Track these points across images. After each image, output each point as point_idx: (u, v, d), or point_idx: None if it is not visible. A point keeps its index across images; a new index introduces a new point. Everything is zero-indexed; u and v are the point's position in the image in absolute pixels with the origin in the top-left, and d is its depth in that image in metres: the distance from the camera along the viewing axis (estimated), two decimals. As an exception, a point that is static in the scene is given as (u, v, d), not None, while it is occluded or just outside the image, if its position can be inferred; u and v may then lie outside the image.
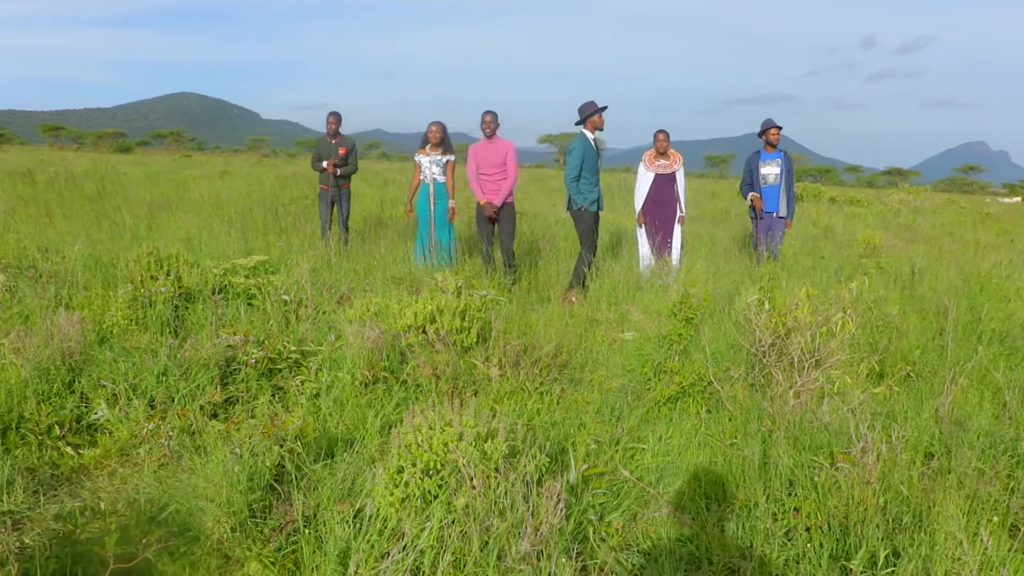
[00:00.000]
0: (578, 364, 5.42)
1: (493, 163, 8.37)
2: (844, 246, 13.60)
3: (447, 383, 4.72)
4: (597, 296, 7.50)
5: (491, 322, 5.14)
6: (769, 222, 9.09)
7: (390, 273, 7.37)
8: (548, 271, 9.06)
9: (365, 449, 3.74)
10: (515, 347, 4.95)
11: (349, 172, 10.14)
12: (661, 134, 8.97)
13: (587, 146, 8.14)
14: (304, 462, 3.43)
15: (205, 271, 6.49)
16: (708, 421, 4.27)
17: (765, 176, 9.04)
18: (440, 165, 8.88)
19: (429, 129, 8.92)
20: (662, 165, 8.94)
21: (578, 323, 6.66)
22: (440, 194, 8.94)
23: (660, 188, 8.93)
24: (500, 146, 8.44)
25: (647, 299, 6.90)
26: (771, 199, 9.03)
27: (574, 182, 8.09)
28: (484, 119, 8.43)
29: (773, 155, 9.05)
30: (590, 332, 6.44)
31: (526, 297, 7.95)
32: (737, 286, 7.35)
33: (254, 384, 4.89)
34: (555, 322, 6.75)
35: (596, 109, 8.17)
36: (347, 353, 4.97)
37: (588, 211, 8.14)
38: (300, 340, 5.53)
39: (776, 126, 9.00)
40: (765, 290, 4.78)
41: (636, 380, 4.71)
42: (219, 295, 6.30)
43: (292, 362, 5.06)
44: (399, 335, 5.12)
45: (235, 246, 8.53)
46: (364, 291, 7.01)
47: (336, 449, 3.76)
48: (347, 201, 10.22)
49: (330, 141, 10.06)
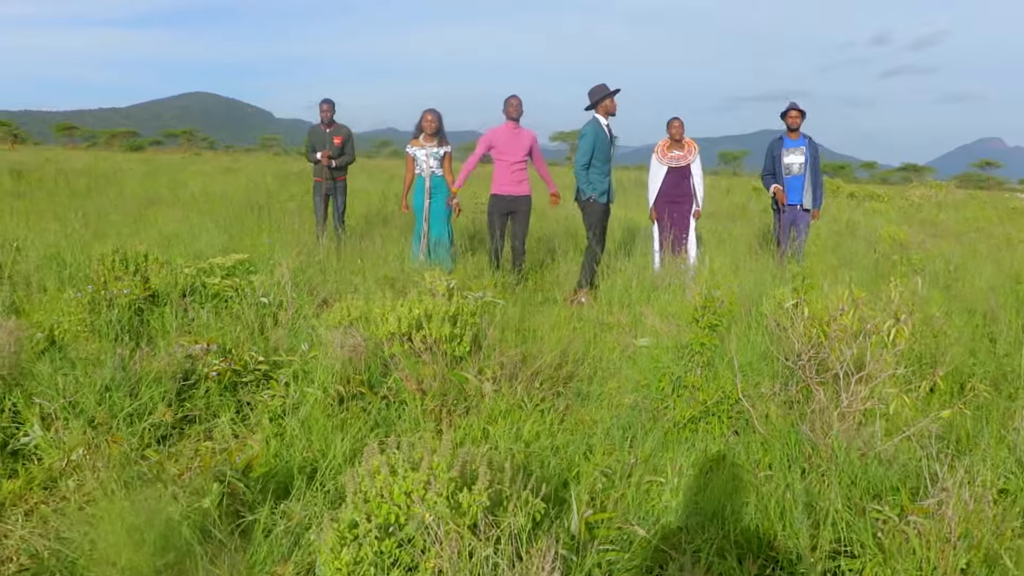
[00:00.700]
0: (586, 375, 4.80)
1: (516, 151, 7.74)
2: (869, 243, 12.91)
3: (434, 399, 4.11)
4: (608, 297, 6.86)
5: (485, 329, 4.52)
6: (792, 215, 8.40)
7: (382, 273, 6.76)
8: (556, 270, 8.43)
9: (326, 485, 3.13)
10: (513, 357, 4.33)
11: (345, 163, 9.54)
12: (676, 121, 8.32)
13: (599, 132, 7.51)
14: (249, 501, 2.83)
15: (176, 271, 5.90)
16: (736, 446, 3.64)
17: (788, 166, 8.34)
18: (438, 158, 8.26)
19: (423, 118, 8.29)
20: (676, 157, 8.28)
21: (587, 327, 6.03)
22: (438, 188, 8.32)
23: (674, 182, 8.28)
24: (525, 135, 7.83)
25: (663, 301, 6.27)
26: (795, 190, 8.34)
27: (584, 170, 7.45)
28: (510, 102, 7.79)
29: (797, 142, 8.35)
30: (600, 338, 5.82)
31: (531, 298, 7.33)
32: (761, 286, 6.70)
33: (216, 400, 4.30)
34: (561, 327, 6.12)
35: (608, 92, 7.53)
36: (323, 363, 4.37)
37: (597, 203, 7.50)
38: (273, 348, 4.94)
39: (796, 108, 8.32)
40: (799, 291, 4.14)
41: (652, 396, 4.09)
42: (190, 298, 5.71)
43: (260, 374, 4.46)
44: (382, 343, 4.51)
45: (219, 244, 7.94)
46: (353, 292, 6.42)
47: (293, 484, 3.16)
48: (343, 195, 9.61)
49: (324, 130, 9.46)
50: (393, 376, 4.32)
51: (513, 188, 7.77)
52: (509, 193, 7.77)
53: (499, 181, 7.81)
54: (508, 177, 7.74)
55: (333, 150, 9.36)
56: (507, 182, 7.76)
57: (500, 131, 7.81)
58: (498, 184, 7.83)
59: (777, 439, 3.64)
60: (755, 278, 7.35)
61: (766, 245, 10.30)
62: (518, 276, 7.64)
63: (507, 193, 7.78)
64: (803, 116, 8.32)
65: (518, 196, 7.80)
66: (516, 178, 7.75)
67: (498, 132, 7.82)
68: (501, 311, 4.87)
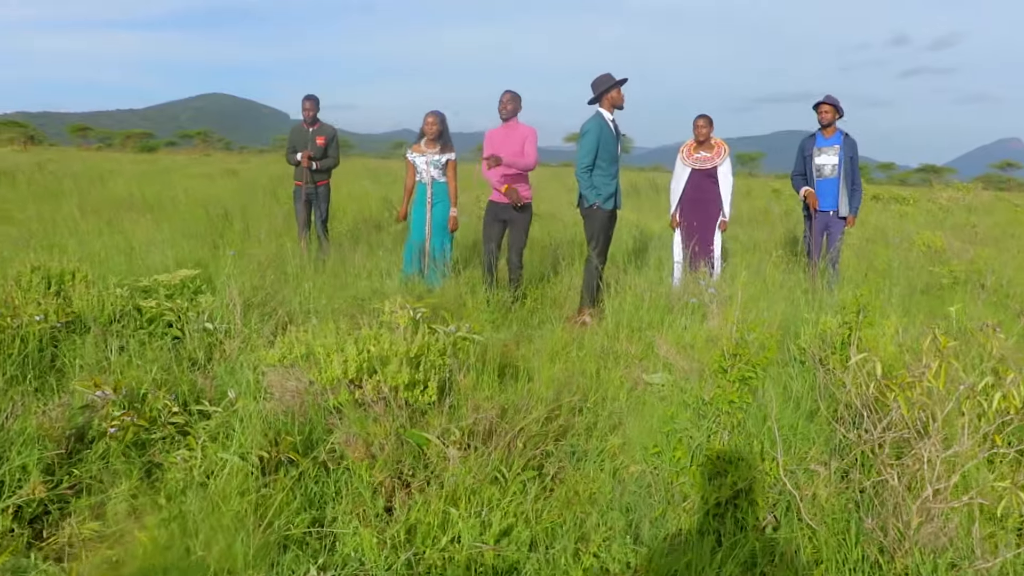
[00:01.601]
0: (583, 427, 3.89)
1: (508, 153, 6.75)
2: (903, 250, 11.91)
3: (384, 469, 3.21)
4: (615, 319, 5.93)
5: (457, 373, 3.61)
6: (825, 221, 7.40)
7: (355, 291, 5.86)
8: (559, 285, 7.52)
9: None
10: (490, 410, 3.42)
11: (328, 166, 8.64)
12: (701, 120, 7.35)
13: (604, 128, 6.55)
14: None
15: (107, 292, 5.03)
16: (778, 544, 2.72)
17: (820, 167, 7.35)
18: (439, 166, 7.34)
19: (424, 120, 7.37)
20: (701, 158, 7.33)
21: (588, 358, 5.10)
22: (440, 197, 7.42)
23: (698, 186, 7.32)
24: (519, 132, 6.86)
25: (680, 325, 5.34)
26: (828, 195, 7.34)
27: (586, 172, 6.50)
28: (501, 99, 6.86)
29: (830, 140, 7.36)
30: (604, 372, 4.90)
31: (528, 319, 6.42)
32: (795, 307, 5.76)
33: (119, 462, 3.42)
34: (558, 357, 5.21)
35: (614, 82, 6.57)
36: (252, 417, 3.48)
37: (602, 210, 6.56)
38: (200, 392, 4.05)
39: (828, 102, 7.33)
40: (853, 327, 3.22)
41: (664, 467, 3.16)
42: (119, 324, 4.84)
43: (175, 429, 3.58)
44: (326, 391, 3.61)
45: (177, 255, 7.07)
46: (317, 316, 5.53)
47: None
48: (325, 201, 8.71)
49: (307, 129, 8.58)
50: (339, 433, 3.42)
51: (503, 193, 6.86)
52: (502, 200, 6.87)
53: (495, 187, 6.91)
54: (501, 180, 6.84)
55: (315, 151, 8.48)
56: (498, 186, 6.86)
57: (494, 133, 6.94)
58: (494, 191, 6.93)
59: (831, 533, 2.71)
60: (786, 296, 6.42)
61: (794, 254, 9.35)
62: (515, 293, 6.73)
63: (500, 200, 6.89)
64: (837, 112, 7.33)
65: (511, 205, 6.88)
66: (510, 182, 6.83)
67: (492, 134, 6.95)
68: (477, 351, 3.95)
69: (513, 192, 6.65)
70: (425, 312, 3.92)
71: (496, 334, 5.99)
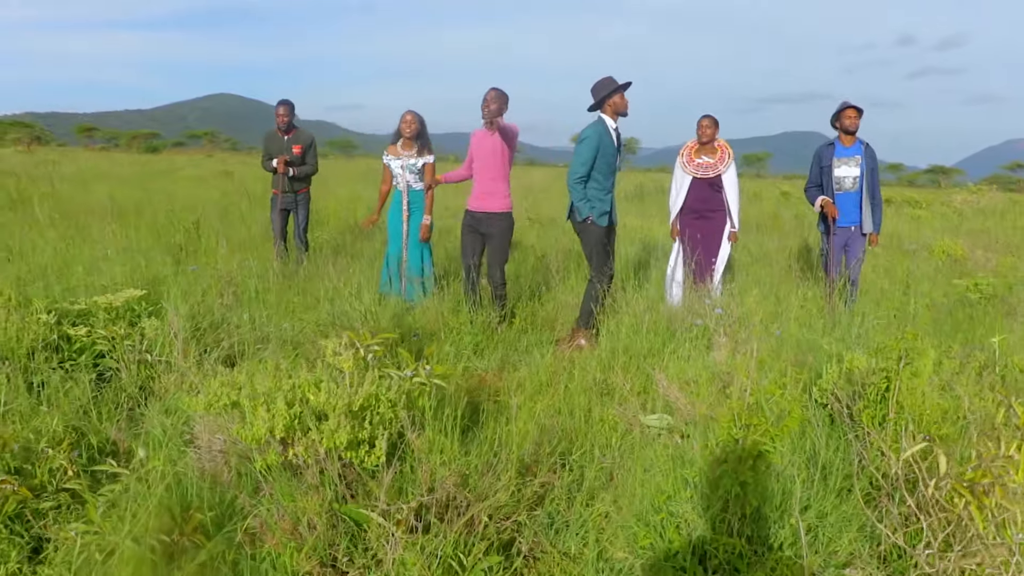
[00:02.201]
0: (565, 487, 3.27)
1: (488, 157, 6.19)
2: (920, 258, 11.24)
3: (314, 555, 2.60)
4: (612, 345, 5.30)
5: (410, 431, 2.99)
6: (846, 237, 6.75)
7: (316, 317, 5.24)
8: (553, 301, 6.90)
9: None
10: (448, 478, 2.81)
11: (306, 173, 8.03)
12: (706, 120, 6.67)
13: (604, 137, 5.92)
14: None
15: (30, 318, 4.42)
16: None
17: (840, 180, 6.67)
18: (416, 171, 6.73)
19: (402, 119, 6.75)
20: (704, 165, 6.66)
21: (578, 393, 4.48)
22: (417, 205, 6.82)
23: (701, 194, 6.65)
24: (502, 131, 6.14)
25: (682, 355, 4.71)
26: (849, 209, 6.68)
27: (579, 183, 5.87)
28: (485, 98, 5.94)
29: (851, 150, 6.68)
30: (598, 409, 4.29)
31: (515, 342, 5.80)
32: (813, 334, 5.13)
33: (1, 537, 2.82)
34: (545, 391, 4.60)
35: (617, 87, 5.94)
36: (156, 486, 2.87)
37: (596, 225, 5.93)
38: (109, 447, 3.44)
39: (853, 107, 6.68)
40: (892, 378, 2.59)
41: (657, 560, 2.54)
42: (40, 355, 4.23)
43: (69, 497, 2.97)
44: (252, 451, 3.00)
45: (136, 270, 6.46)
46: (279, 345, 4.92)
47: None
48: (305, 209, 8.11)
49: (281, 137, 7.97)
50: (264, 507, 2.81)
51: (483, 202, 6.22)
52: (479, 209, 6.23)
53: (472, 193, 6.30)
54: (479, 188, 6.22)
55: (291, 158, 7.87)
56: (478, 193, 6.24)
57: (476, 135, 6.31)
58: (471, 197, 6.31)
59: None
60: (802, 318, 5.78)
61: (808, 266, 8.70)
62: (501, 313, 6.10)
63: (476, 209, 6.25)
64: (861, 116, 6.69)
65: (490, 213, 6.20)
66: (487, 189, 6.20)
67: (474, 136, 6.33)
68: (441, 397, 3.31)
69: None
70: (377, 352, 3.30)
71: (478, 361, 5.40)
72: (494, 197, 6.21)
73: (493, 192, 6.22)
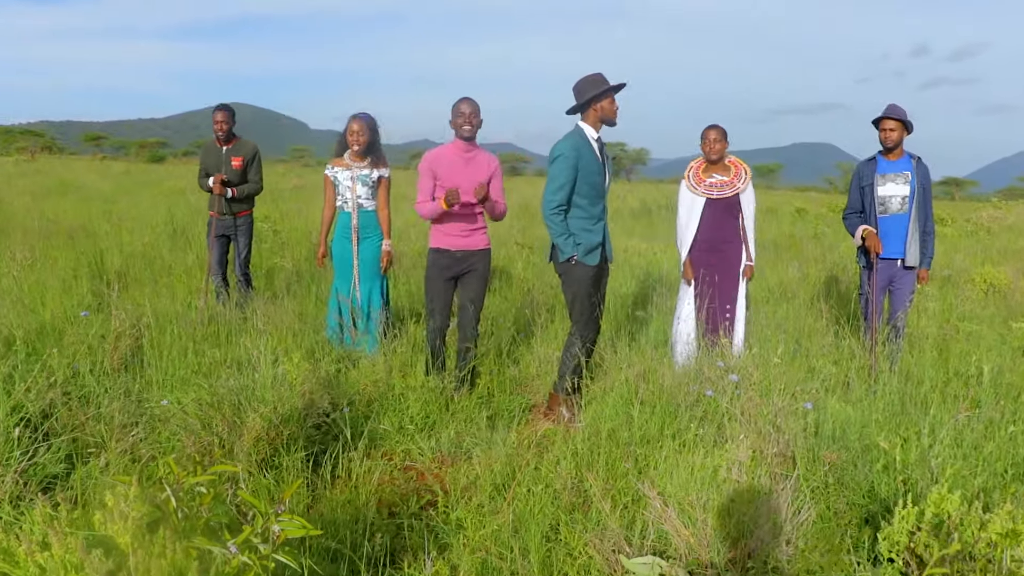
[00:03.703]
0: None
1: (468, 187, 4.87)
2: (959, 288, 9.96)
3: None
4: (593, 427, 4.05)
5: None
6: (890, 274, 5.48)
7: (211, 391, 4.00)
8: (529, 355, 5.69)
9: None
10: None
11: (248, 193, 6.82)
12: (713, 132, 5.38)
13: (583, 151, 4.68)
14: None
15: None
16: None
17: (885, 200, 5.41)
18: (369, 183, 5.55)
19: (348, 128, 5.56)
20: (718, 184, 5.40)
21: (541, 507, 3.25)
22: (369, 230, 5.63)
23: (716, 222, 5.38)
24: (481, 161, 5.01)
25: (685, 458, 3.46)
26: (894, 237, 5.40)
27: (557, 214, 4.63)
28: (459, 109, 4.88)
29: (897, 164, 5.43)
30: (565, 532, 3.08)
31: (475, 413, 4.57)
32: (864, 424, 3.89)
33: None
34: (499, 497, 3.38)
35: (607, 88, 4.69)
36: None
37: (583, 265, 4.71)
38: None
39: (892, 117, 5.43)
40: None
41: None
42: None
43: None
44: None
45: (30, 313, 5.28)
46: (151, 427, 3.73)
47: None
48: (246, 235, 6.88)
49: (219, 148, 6.79)
50: None
51: (462, 240, 4.96)
52: (457, 248, 4.98)
53: (441, 229, 5.00)
54: (454, 223, 4.95)
55: (231, 175, 6.69)
56: (453, 231, 4.97)
57: (445, 153, 5.00)
58: (440, 234, 5.02)
59: None
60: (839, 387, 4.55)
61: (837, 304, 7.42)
62: (461, 374, 4.88)
63: (454, 248, 4.98)
64: (906, 130, 5.44)
65: (471, 251, 5.00)
66: (467, 225, 4.96)
67: (443, 154, 5.00)
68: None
69: (453, 194, 4.73)
70: (204, 498, 2.09)
71: (425, 442, 4.19)
72: (474, 235, 5.04)
73: (473, 229, 5.04)
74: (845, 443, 3.69)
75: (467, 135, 4.87)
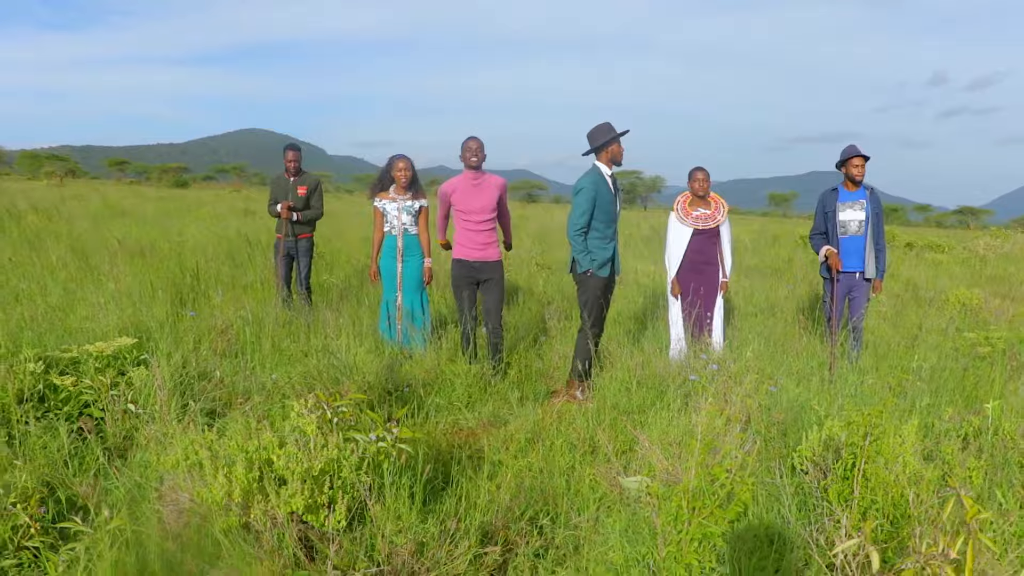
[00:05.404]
0: (530, 558, 3.21)
1: (480, 207, 6.23)
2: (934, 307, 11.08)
3: (263, 624, 2.57)
4: (601, 401, 5.26)
5: (372, 495, 2.96)
6: (849, 284, 6.70)
7: (304, 368, 5.24)
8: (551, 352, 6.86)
9: None
10: (403, 547, 2.77)
11: (311, 218, 8.12)
12: (700, 173, 6.70)
13: (601, 185, 5.94)
14: None
15: (18, 367, 4.46)
16: None
17: (845, 224, 6.65)
18: (412, 213, 6.78)
19: (395, 166, 6.79)
20: (703, 217, 6.67)
21: (563, 451, 4.44)
22: (412, 250, 6.84)
23: (700, 248, 6.66)
24: (489, 184, 6.32)
25: (666, 416, 4.65)
26: (853, 254, 6.64)
27: (580, 235, 5.88)
28: (467, 146, 6.25)
29: (856, 194, 6.66)
30: (579, 468, 4.24)
31: (508, 394, 5.75)
32: (806, 395, 5.06)
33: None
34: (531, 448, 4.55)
35: (615, 135, 5.96)
36: (115, 546, 2.86)
37: (597, 277, 5.93)
38: (79, 502, 3.44)
39: (861, 155, 6.66)
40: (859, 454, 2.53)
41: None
42: (27, 405, 4.26)
43: (31, 555, 2.97)
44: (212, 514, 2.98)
45: (135, 316, 6.52)
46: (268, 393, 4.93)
47: None
48: (307, 255, 8.17)
49: (288, 180, 8.08)
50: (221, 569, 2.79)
51: (478, 251, 6.28)
52: (473, 258, 6.30)
53: (461, 243, 6.34)
54: (471, 239, 6.26)
55: (297, 202, 7.97)
56: (471, 244, 6.28)
57: (457, 182, 6.36)
58: (460, 247, 6.35)
59: None
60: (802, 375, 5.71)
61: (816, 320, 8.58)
62: (495, 365, 6.08)
63: (471, 258, 6.31)
64: (867, 162, 6.69)
65: (485, 262, 6.30)
66: (481, 240, 6.26)
67: (455, 183, 6.37)
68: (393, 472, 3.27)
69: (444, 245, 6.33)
70: (344, 414, 3.28)
71: (469, 414, 5.37)
72: (488, 248, 6.29)
73: (487, 243, 6.31)
74: (793, 411, 4.84)
75: (474, 165, 6.25)
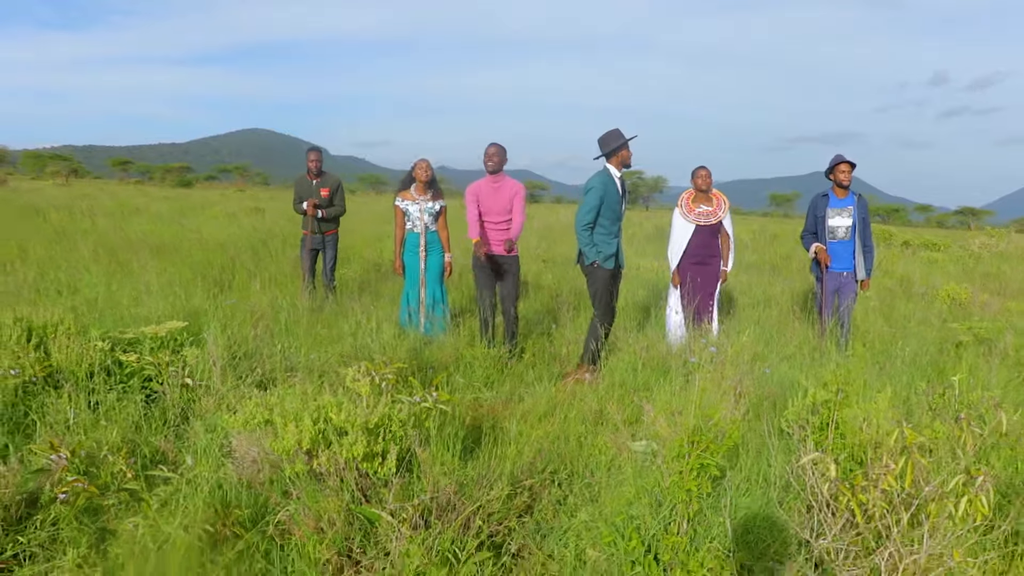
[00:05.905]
0: (553, 501, 3.73)
1: (498, 209, 6.81)
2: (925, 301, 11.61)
3: (333, 546, 3.09)
4: (610, 380, 5.78)
5: (417, 447, 3.48)
6: (838, 282, 7.23)
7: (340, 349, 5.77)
8: (562, 338, 7.38)
9: None
10: (447, 486, 3.29)
11: (334, 215, 8.67)
12: (702, 171, 7.22)
13: (610, 186, 6.46)
14: None
15: (88, 345, 4.98)
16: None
17: (833, 229, 7.17)
18: (432, 213, 7.33)
19: (417, 166, 7.35)
20: (704, 213, 7.19)
21: (576, 421, 4.97)
22: (433, 246, 7.38)
23: (703, 242, 7.19)
24: (506, 187, 6.87)
25: (670, 390, 5.17)
26: (842, 257, 7.18)
27: (586, 230, 6.40)
28: (487, 152, 6.86)
29: (844, 201, 7.18)
30: (591, 437, 4.76)
31: (523, 375, 6.27)
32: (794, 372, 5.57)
33: (69, 529, 3.33)
34: (546, 420, 5.07)
35: (624, 141, 6.49)
36: (202, 487, 3.39)
37: (603, 268, 6.45)
38: (161, 455, 3.97)
39: (847, 162, 7.16)
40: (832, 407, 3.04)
41: (619, 556, 3.00)
42: (99, 377, 4.78)
43: (128, 496, 3.49)
44: (282, 461, 3.51)
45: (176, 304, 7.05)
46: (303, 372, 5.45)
47: None
48: (333, 249, 8.72)
49: (311, 181, 8.61)
50: (292, 506, 3.31)
51: (497, 247, 6.86)
52: (496, 253, 6.88)
53: (486, 240, 6.89)
54: (492, 236, 6.81)
55: (321, 202, 8.51)
56: (491, 241, 6.84)
57: (480, 185, 6.93)
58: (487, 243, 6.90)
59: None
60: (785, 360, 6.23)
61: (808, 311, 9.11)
62: (511, 348, 6.61)
63: (494, 253, 6.89)
64: (853, 169, 7.18)
65: (505, 257, 6.88)
66: (500, 237, 6.84)
67: (479, 187, 6.93)
68: (445, 419, 3.81)
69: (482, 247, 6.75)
70: (390, 380, 3.80)
71: (488, 392, 5.88)
72: (505, 240, 6.78)
73: (505, 240, 6.81)
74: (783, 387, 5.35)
75: (492, 169, 6.82)
